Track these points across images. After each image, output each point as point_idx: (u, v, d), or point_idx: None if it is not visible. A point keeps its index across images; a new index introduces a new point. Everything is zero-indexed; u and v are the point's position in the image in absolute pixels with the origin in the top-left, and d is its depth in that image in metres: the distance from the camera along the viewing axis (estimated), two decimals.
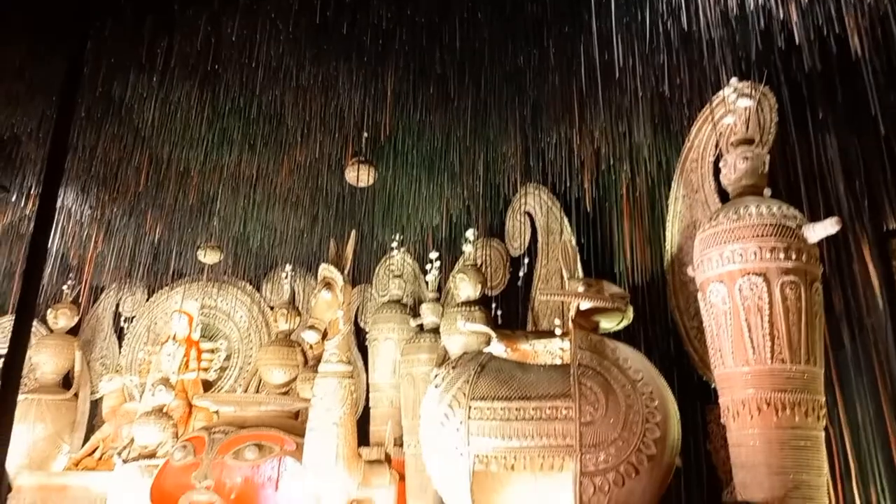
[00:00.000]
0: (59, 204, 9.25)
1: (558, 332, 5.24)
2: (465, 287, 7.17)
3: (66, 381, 11.20)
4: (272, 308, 11.32)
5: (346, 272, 6.19)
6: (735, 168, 4.63)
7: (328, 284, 6.04)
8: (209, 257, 10.24)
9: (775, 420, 3.90)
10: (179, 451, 6.88)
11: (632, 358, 4.84)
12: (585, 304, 5.06)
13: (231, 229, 10.12)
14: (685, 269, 5.37)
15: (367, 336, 9.30)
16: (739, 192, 4.64)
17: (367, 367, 9.15)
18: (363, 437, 7.70)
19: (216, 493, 6.48)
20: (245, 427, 6.97)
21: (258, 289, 11.90)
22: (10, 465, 10.11)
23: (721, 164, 4.91)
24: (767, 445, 3.78)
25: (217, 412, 8.54)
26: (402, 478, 7.09)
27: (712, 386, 5.19)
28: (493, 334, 5.62)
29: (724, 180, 4.87)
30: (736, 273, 4.21)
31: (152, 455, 7.98)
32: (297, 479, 6.63)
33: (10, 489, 9.73)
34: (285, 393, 9.56)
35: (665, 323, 5.59)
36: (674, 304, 5.51)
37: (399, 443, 7.80)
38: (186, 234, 10.26)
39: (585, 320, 5.13)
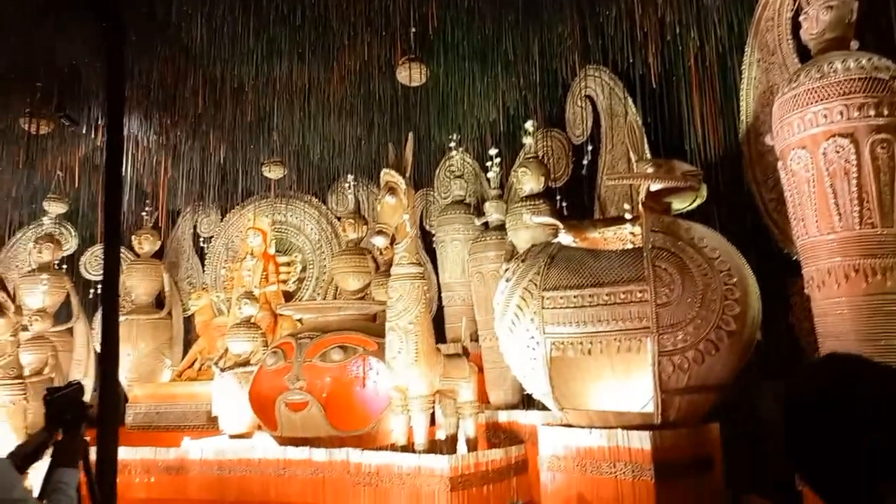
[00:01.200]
0: (125, 132, 9.56)
1: (628, 216, 5.12)
2: (527, 180, 7.06)
3: (159, 302, 11.94)
4: (339, 218, 11.56)
5: (407, 176, 6.17)
6: (818, 21, 4.21)
7: (391, 189, 6.05)
8: (273, 172, 10.43)
9: (864, 286, 3.75)
10: (271, 356, 7.33)
11: (708, 237, 4.69)
12: (656, 186, 4.89)
13: (291, 144, 10.21)
14: (762, 138, 5.07)
15: (434, 238, 9.42)
16: (822, 47, 4.24)
17: (437, 269, 9.34)
18: (439, 335, 7.97)
19: (309, 392, 6.92)
20: (328, 331, 7.32)
21: (324, 201, 12.13)
22: (124, 380, 11.15)
23: (801, 19, 4.48)
24: (856, 313, 3.66)
25: (300, 320, 9.01)
26: (480, 370, 7.37)
27: (794, 258, 5.02)
28: (560, 225, 5.56)
29: (804, 36, 4.46)
30: (819, 136, 3.93)
31: (246, 363, 8.56)
32: (382, 376, 7.00)
33: (127, 399, 10.74)
34: (361, 298, 9.92)
35: (741, 198, 5.35)
36: (750, 177, 5.25)
37: (475, 337, 8.05)
38: (249, 152, 10.43)
39: (656, 202, 4.98)
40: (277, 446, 6.95)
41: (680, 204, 5.10)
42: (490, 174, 8.38)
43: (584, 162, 7.38)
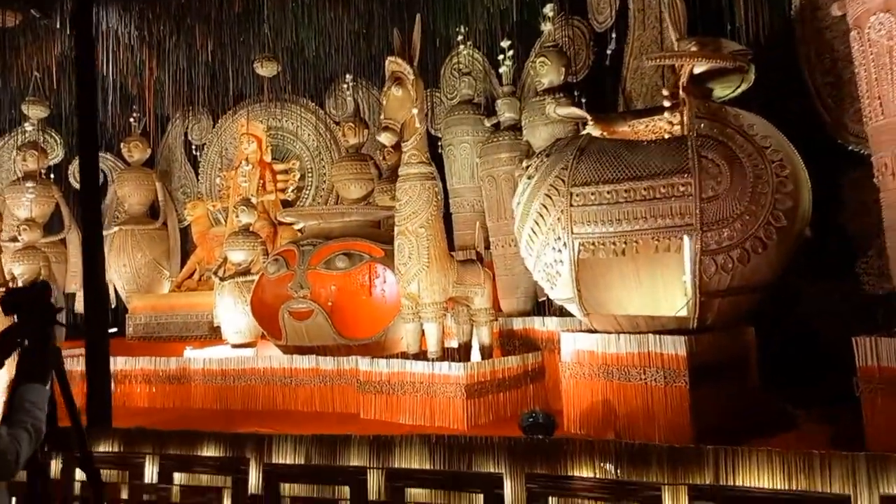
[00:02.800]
0: (103, 26, 8.79)
1: (667, 104, 4.59)
2: (547, 72, 6.44)
3: (154, 213, 11.51)
4: (338, 123, 10.92)
5: (415, 64, 5.58)
6: None
7: (398, 79, 5.47)
8: (266, 69, 9.70)
9: None
10: (273, 264, 6.97)
11: (757, 124, 4.20)
12: (700, 67, 4.34)
13: (284, 39, 9.45)
14: (819, 12, 4.47)
15: (441, 142, 8.86)
16: None
17: (445, 175, 8.85)
18: (448, 244, 7.58)
19: (313, 300, 6.61)
20: (331, 238, 6.92)
21: (321, 105, 11.44)
22: (122, 291, 10.89)
23: None
24: None
25: (301, 230, 8.61)
26: (493, 278, 7.04)
27: (849, 148, 4.55)
28: (587, 117, 5.04)
29: None
30: None
31: (247, 272, 8.21)
32: (390, 284, 6.67)
33: (126, 310, 10.54)
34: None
35: (792, 83, 4.81)
36: (803, 58, 4.69)
37: (486, 245, 7.68)
38: (239, 49, 9.68)
39: (697, 89, 4.45)
40: (283, 355, 6.71)
41: (723, 90, 4.58)
42: (502, 69, 7.73)
43: (609, 51, 6.75)
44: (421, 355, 5.69)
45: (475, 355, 5.93)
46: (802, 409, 4.45)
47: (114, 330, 10.83)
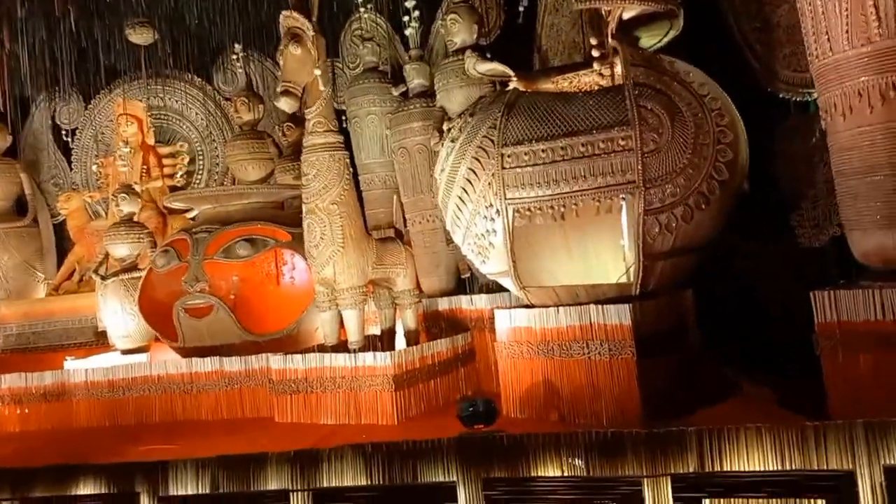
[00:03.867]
0: None
1: (595, 53, 4.22)
2: (459, 30, 5.88)
3: (22, 209, 10.17)
4: (228, 100, 9.97)
5: (314, 19, 4.94)
6: None
7: (295, 36, 4.81)
8: (140, 36, 8.61)
9: None
10: (161, 256, 6.14)
11: (693, 72, 3.92)
12: (630, 12, 4.00)
13: (161, 6, 8.43)
14: None
15: (346, 115, 8.22)
16: None
17: (352, 150, 8.22)
18: None
19: (213, 295, 5.86)
20: (230, 224, 6.17)
21: (209, 80, 10.41)
22: None
23: None
24: (894, 141, 3.04)
25: (195, 217, 7.74)
26: None
27: (780, 96, 4.38)
28: (510, 73, 4.60)
29: None
30: None
31: (133, 268, 7.27)
32: (299, 270, 6.03)
33: None
34: None
35: (716, 29, 4.59)
36: (727, 2, 4.47)
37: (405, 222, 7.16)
38: (111, 18, 8.54)
39: (625, 38, 4.11)
40: (181, 359, 5.93)
41: (650, 39, 4.25)
42: (408, 31, 7.17)
43: (521, 9, 6.35)
44: (341, 347, 5.13)
45: (400, 342, 5.44)
46: (746, 372, 4.30)
47: None
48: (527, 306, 4.39)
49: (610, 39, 4.07)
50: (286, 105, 4.79)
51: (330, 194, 4.87)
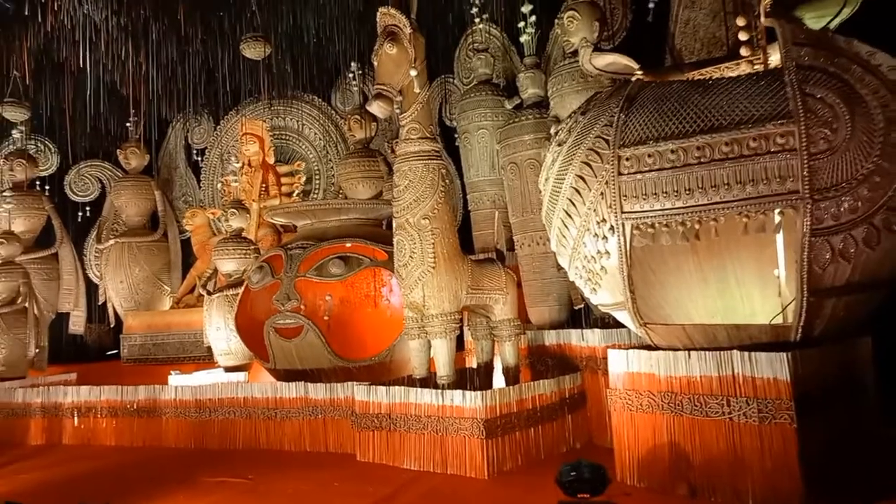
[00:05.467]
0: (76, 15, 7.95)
1: (743, 37, 3.39)
2: (577, 28, 5.19)
3: (155, 224, 10.68)
4: (345, 119, 9.92)
5: (413, 16, 4.49)
6: None
7: (391, 35, 4.39)
8: (253, 51, 8.72)
9: None
10: (255, 273, 5.91)
11: (878, 54, 2.98)
12: None
13: (280, 21, 8.49)
14: None
15: (457, 131, 7.76)
16: None
17: (462, 168, 7.75)
18: (466, 245, 6.46)
19: (306, 316, 5.52)
20: (325, 240, 5.84)
21: (327, 100, 10.46)
22: (120, 309, 10.02)
23: None
24: None
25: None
26: (519, 283, 5.86)
27: None
28: (634, 66, 3.86)
29: None
30: None
31: (239, 283, 7.19)
32: (397, 293, 5.55)
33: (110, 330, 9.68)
34: None
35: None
36: None
37: (510, 246, 6.53)
38: (231, 37, 8.72)
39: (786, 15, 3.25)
40: (266, 383, 5.62)
41: (816, 20, 3.37)
42: (523, 38, 6.60)
43: (651, 5, 5.57)
44: (429, 381, 4.55)
45: (497, 379, 4.76)
46: None
47: (113, 352, 10.06)
48: (648, 347, 3.57)
49: (763, 19, 3.23)
50: (378, 110, 4.35)
51: (422, 208, 4.35)
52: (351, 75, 9.24)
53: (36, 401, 6.19)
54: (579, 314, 5.71)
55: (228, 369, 7.14)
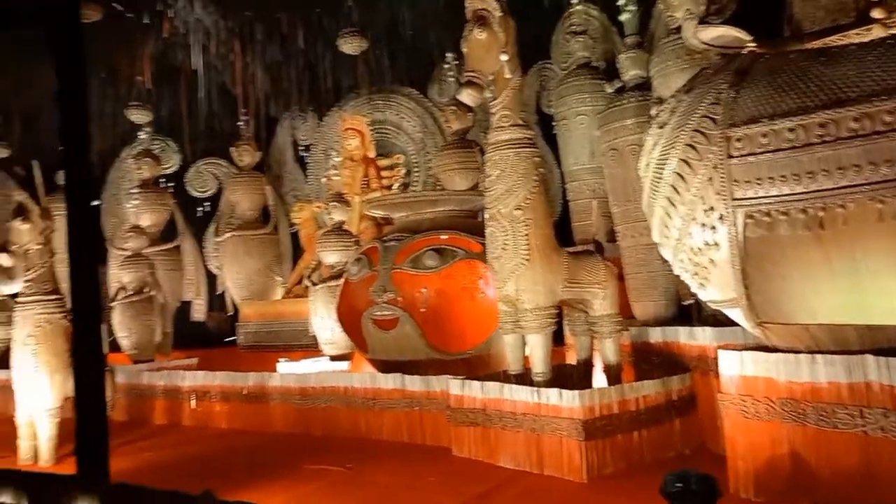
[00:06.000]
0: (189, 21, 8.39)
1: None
2: (682, 1, 4.88)
3: (268, 218, 11.22)
4: (443, 111, 9.90)
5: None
6: None
7: (481, 19, 4.26)
8: (350, 45, 8.84)
9: None
10: (354, 264, 6.00)
11: None
12: None
13: (376, 15, 8.56)
14: None
15: (554, 118, 7.50)
16: None
17: (560, 157, 7.48)
18: (565, 238, 6.21)
19: (402, 308, 5.53)
20: (420, 232, 5.82)
21: (424, 93, 10.47)
22: (237, 297, 10.62)
23: None
24: None
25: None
26: (620, 276, 5.56)
27: None
28: (745, 38, 3.48)
29: None
30: None
31: (341, 275, 7.37)
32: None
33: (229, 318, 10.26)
34: None
35: None
36: None
37: (611, 238, 6.22)
38: (329, 33, 8.88)
39: None
40: (367, 373, 5.69)
41: None
42: (624, 16, 6.24)
43: None
44: (525, 377, 4.40)
45: (598, 378, 4.53)
46: None
47: (231, 339, 10.70)
48: (766, 349, 3.24)
49: None
50: (468, 97, 4.24)
51: (514, 198, 4.20)
52: (447, 66, 9.19)
53: (159, 383, 6.65)
54: (689, 309, 5.34)
55: (333, 358, 7.36)
